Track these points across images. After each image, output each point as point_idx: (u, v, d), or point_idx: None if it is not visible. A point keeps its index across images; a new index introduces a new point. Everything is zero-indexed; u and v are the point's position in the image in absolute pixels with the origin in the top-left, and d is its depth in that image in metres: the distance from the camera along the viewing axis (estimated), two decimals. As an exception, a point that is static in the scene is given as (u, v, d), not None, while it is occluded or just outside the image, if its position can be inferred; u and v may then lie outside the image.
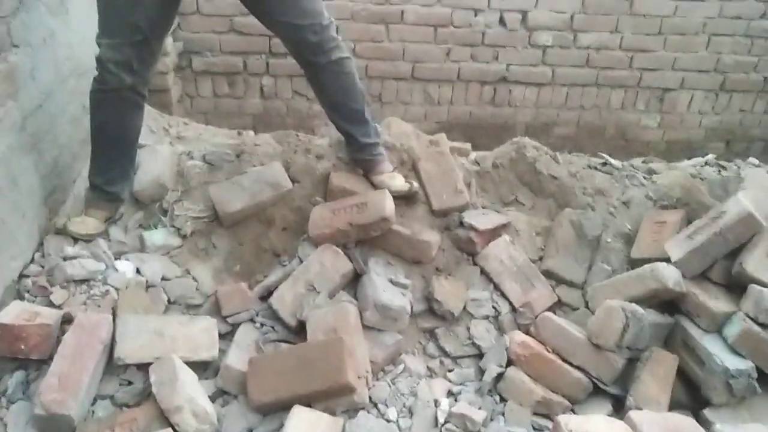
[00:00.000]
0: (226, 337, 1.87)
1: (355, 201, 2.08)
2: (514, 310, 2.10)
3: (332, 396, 1.66)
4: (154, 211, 2.18)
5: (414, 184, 2.19)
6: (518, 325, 2.06)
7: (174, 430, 1.52)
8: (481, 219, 2.20)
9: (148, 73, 2.01)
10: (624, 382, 1.87)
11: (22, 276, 1.85)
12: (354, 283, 2.03)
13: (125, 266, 1.97)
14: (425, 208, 2.22)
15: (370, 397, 1.75)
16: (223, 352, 1.79)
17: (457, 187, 2.24)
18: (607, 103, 4.04)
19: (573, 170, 2.47)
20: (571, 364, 1.87)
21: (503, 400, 1.84)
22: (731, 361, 1.75)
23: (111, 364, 1.69)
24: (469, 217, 2.18)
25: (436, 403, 1.79)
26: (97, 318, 1.72)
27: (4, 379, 1.64)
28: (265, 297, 1.98)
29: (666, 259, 1.96)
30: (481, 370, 1.93)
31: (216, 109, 3.80)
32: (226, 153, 2.33)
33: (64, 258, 1.90)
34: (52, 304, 1.79)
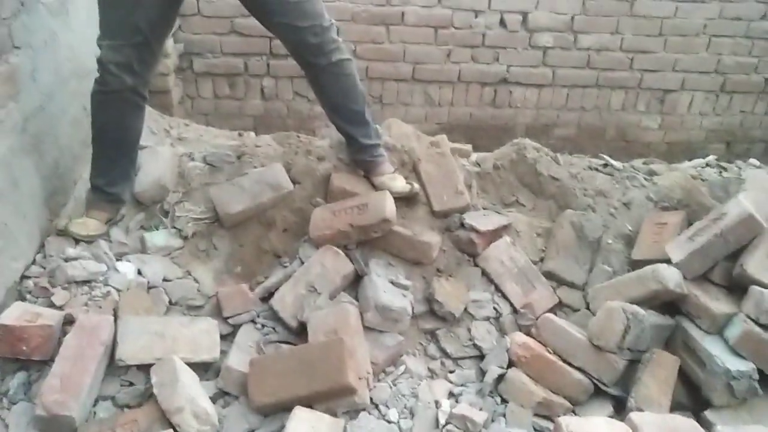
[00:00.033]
0: (227, 338, 1.87)
1: (356, 202, 2.08)
2: (515, 311, 2.10)
3: (333, 397, 1.66)
4: (155, 212, 2.18)
5: (415, 186, 2.19)
6: (519, 326, 2.06)
7: (175, 431, 1.52)
8: (482, 220, 2.20)
9: (149, 74, 2.01)
10: (625, 383, 1.86)
11: (24, 277, 1.85)
12: (355, 284, 2.03)
13: (126, 267, 1.97)
14: (426, 210, 2.22)
15: (371, 398, 1.75)
16: (224, 353, 1.79)
17: (457, 188, 2.24)
18: (608, 104, 4.04)
19: (574, 171, 2.47)
20: (572, 366, 1.87)
21: (504, 401, 1.84)
22: (732, 363, 1.75)
23: (112, 365, 1.69)
24: (469, 219, 2.18)
25: (437, 405, 1.79)
26: (99, 319, 1.72)
27: (6, 380, 1.64)
28: (266, 298, 1.98)
29: (667, 261, 1.95)
30: (482, 372, 1.93)
31: (217, 110, 3.80)
32: (227, 154, 2.34)
33: (66, 259, 1.91)
34: (54, 305, 1.79)
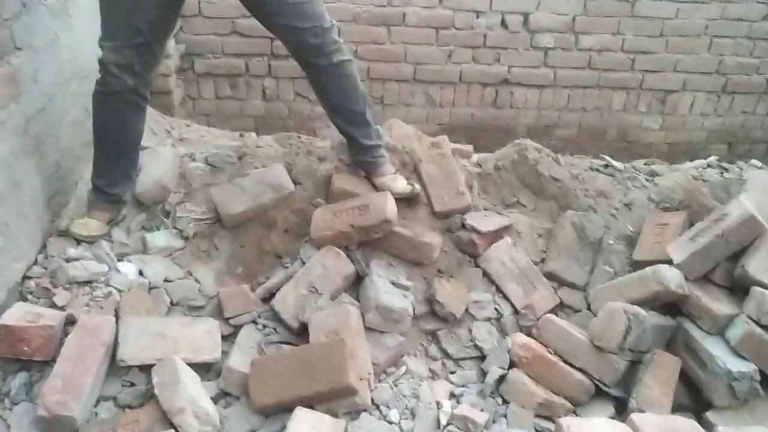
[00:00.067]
0: (229, 338, 1.87)
1: (357, 203, 2.08)
2: (516, 312, 2.10)
3: (334, 398, 1.66)
4: (157, 212, 2.19)
5: (416, 186, 2.19)
6: (520, 327, 2.06)
7: (176, 432, 1.53)
8: (483, 221, 2.20)
9: (150, 75, 2.02)
10: (626, 384, 1.86)
11: (26, 277, 1.85)
12: (356, 285, 2.03)
13: (128, 268, 1.97)
14: (427, 210, 2.22)
15: (372, 399, 1.75)
16: (225, 354, 1.79)
17: (458, 189, 2.24)
18: (609, 105, 4.03)
19: (575, 172, 2.47)
20: (573, 366, 1.87)
21: (505, 402, 1.84)
22: (734, 364, 1.75)
23: (113, 366, 1.69)
24: (470, 219, 2.18)
25: (438, 405, 1.79)
26: (100, 320, 1.72)
27: (8, 380, 1.64)
28: (267, 299, 1.98)
29: (668, 261, 1.95)
30: (483, 372, 1.93)
31: (218, 111, 3.80)
32: (228, 155, 2.34)
33: (67, 260, 1.91)
34: (55, 306, 1.79)
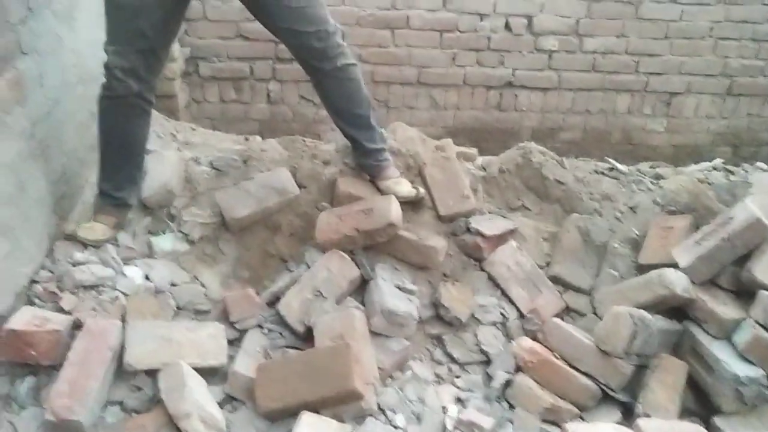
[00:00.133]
0: (234, 343, 1.87)
1: (362, 206, 2.08)
2: (521, 316, 2.10)
3: (340, 402, 1.66)
4: (162, 216, 2.19)
5: (420, 190, 2.19)
6: (526, 331, 2.06)
7: (182, 437, 1.53)
8: (488, 224, 2.20)
9: (155, 79, 2.02)
10: (632, 388, 1.85)
11: (33, 282, 1.85)
12: (361, 289, 2.03)
13: (134, 272, 1.97)
14: (432, 214, 2.22)
15: (378, 404, 1.74)
16: (231, 358, 1.79)
17: (463, 192, 2.24)
18: (614, 107, 4.03)
19: (579, 175, 2.47)
20: (579, 371, 1.86)
21: (511, 406, 1.84)
22: (741, 369, 1.74)
23: (120, 370, 1.69)
24: (475, 223, 2.18)
25: (444, 410, 1.79)
26: (106, 324, 1.72)
27: (15, 384, 1.64)
28: (272, 303, 1.98)
29: (674, 265, 1.94)
30: (489, 377, 1.93)
31: (223, 114, 3.82)
32: (233, 159, 2.34)
33: (74, 264, 1.91)
34: (62, 310, 1.79)
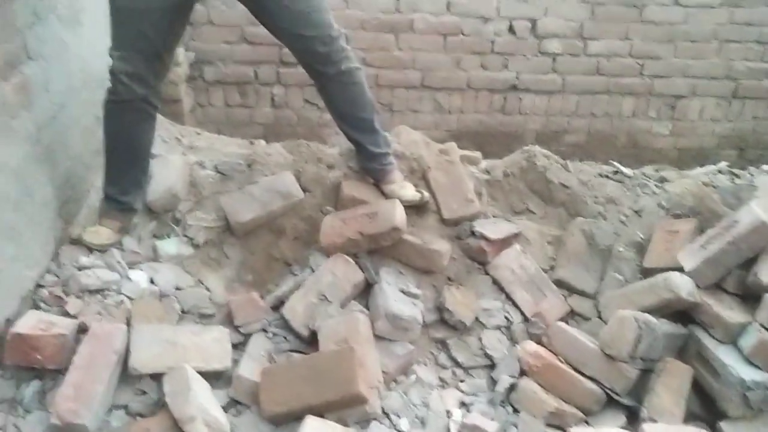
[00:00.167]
0: (239, 347, 1.87)
1: (366, 210, 2.09)
2: (526, 320, 2.09)
3: (344, 406, 1.66)
4: (167, 220, 2.20)
5: (424, 194, 2.19)
6: (530, 335, 2.05)
7: (187, 441, 1.53)
8: (492, 228, 2.19)
9: (160, 84, 2.03)
10: (638, 393, 1.85)
11: (38, 286, 1.86)
12: (365, 292, 2.03)
13: (139, 276, 1.98)
14: (436, 218, 2.22)
15: (382, 408, 1.74)
16: (235, 362, 1.79)
17: (467, 196, 2.24)
18: (618, 110, 4.03)
19: (584, 179, 2.46)
20: (584, 375, 1.85)
21: (516, 411, 1.83)
22: (747, 373, 1.73)
23: (125, 374, 1.70)
24: (479, 227, 2.18)
25: (449, 414, 1.79)
26: (111, 328, 1.73)
27: (21, 388, 1.65)
28: (277, 307, 1.98)
29: (679, 269, 1.94)
30: (494, 381, 1.92)
31: (227, 118, 3.83)
32: (238, 163, 2.35)
33: (79, 268, 1.92)
34: (68, 314, 1.80)
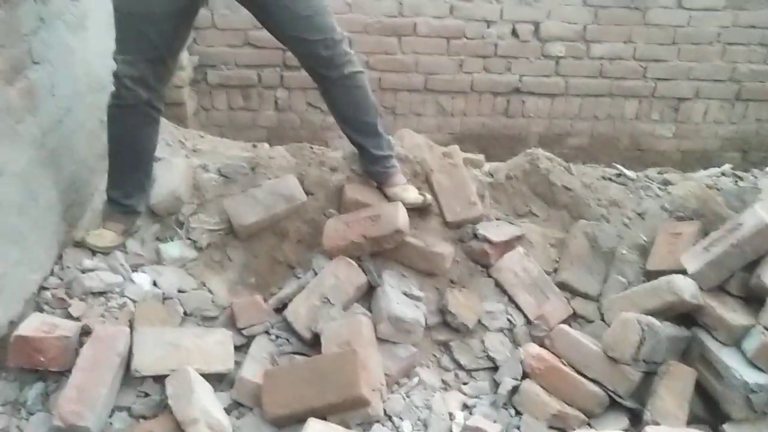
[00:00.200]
0: (241, 349, 1.88)
1: (369, 213, 2.09)
2: (528, 322, 2.09)
3: (346, 409, 1.66)
4: (170, 223, 2.20)
5: (427, 196, 2.19)
6: (533, 337, 2.05)
7: (189, 443, 1.53)
8: (495, 231, 2.20)
9: (164, 88, 2.04)
10: (640, 395, 1.84)
11: (42, 288, 1.87)
12: (368, 295, 2.04)
13: (142, 278, 1.99)
14: (439, 220, 2.22)
15: (385, 410, 1.75)
16: (238, 365, 1.80)
17: (470, 199, 2.24)
18: (621, 113, 4.02)
19: (587, 181, 2.46)
20: (587, 377, 1.85)
21: (518, 413, 1.83)
22: (751, 376, 1.72)
23: (128, 376, 1.70)
24: (482, 229, 2.18)
25: (451, 416, 1.79)
26: (115, 330, 1.74)
27: (24, 390, 1.66)
28: (279, 309, 1.99)
29: (682, 271, 1.93)
30: (496, 383, 1.92)
31: (231, 121, 3.84)
32: (241, 166, 2.35)
33: (83, 271, 1.93)
34: (71, 317, 1.81)
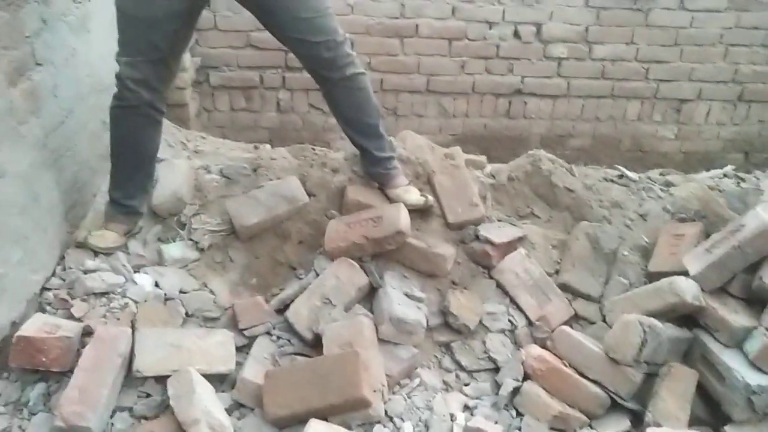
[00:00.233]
0: (243, 350, 1.88)
1: (371, 215, 2.09)
2: (530, 323, 2.09)
3: (348, 410, 1.66)
4: (172, 224, 2.21)
5: (429, 198, 2.19)
6: (534, 338, 2.05)
7: (191, 443, 1.53)
8: (497, 232, 2.19)
9: (166, 89, 2.05)
10: (642, 397, 1.84)
11: (44, 289, 1.88)
12: (370, 296, 2.04)
13: (144, 279, 1.99)
14: (440, 222, 2.22)
15: (386, 411, 1.75)
16: (239, 365, 1.80)
17: (472, 200, 2.24)
18: (623, 114, 4.01)
19: (589, 183, 2.46)
20: (588, 379, 1.85)
21: (520, 414, 1.83)
22: (752, 377, 1.72)
23: (130, 377, 1.71)
24: (484, 230, 2.18)
25: (452, 418, 1.79)
26: (116, 331, 1.74)
27: (26, 391, 1.67)
28: (281, 310, 1.99)
29: (684, 273, 1.93)
30: (497, 384, 1.92)
31: (233, 123, 3.84)
32: (243, 167, 2.36)
33: (85, 271, 1.94)
34: (73, 317, 1.81)
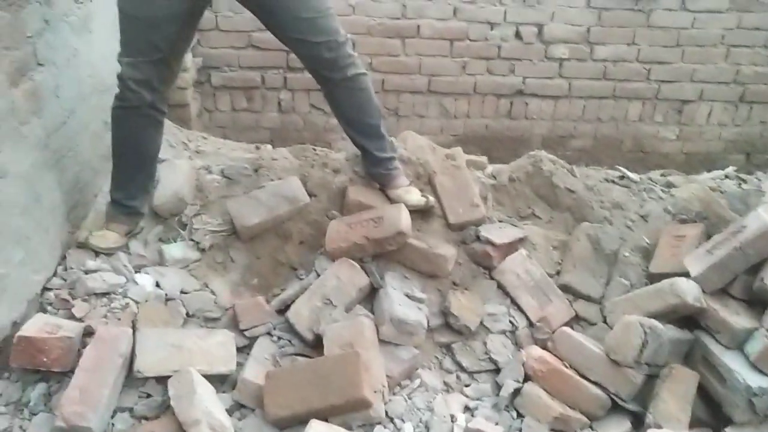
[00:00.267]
0: (244, 350, 1.88)
1: (371, 215, 2.09)
2: (531, 324, 2.09)
3: (348, 410, 1.66)
4: (173, 225, 2.21)
5: (430, 198, 2.19)
6: (535, 340, 2.05)
7: (191, 444, 1.54)
8: (498, 233, 2.19)
9: (168, 90, 2.05)
10: (643, 398, 1.84)
11: (45, 289, 1.88)
12: (370, 297, 2.04)
13: (145, 279, 1.99)
14: (441, 222, 2.22)
15: (387, 412, 1.75)
16: (240, 366, 1.80)
17: (473, 200, 2.24)
18: (625, 115, 4.01)
19: (590, 183, 2.46)
20: (589, 380, 1.85)
21: (520, 415, 1.83)
22: (753, 379, 1.72)
23: (130, 377, 1.71)
24: (485, 231, 2.18)
25: (453, 419, 1.79)
26: (117, 331, 1.74)
27: (27, 391, 1.67)
28: (282, 311, 1.99)
29: (685, 274, 1.93)
30: (498, 386, 1.92)
31: (234, 123, 3.85)
32: (244, 167, 2.36)
33: (86, 271, 1.94)
34: (74, 317, 1.82)
